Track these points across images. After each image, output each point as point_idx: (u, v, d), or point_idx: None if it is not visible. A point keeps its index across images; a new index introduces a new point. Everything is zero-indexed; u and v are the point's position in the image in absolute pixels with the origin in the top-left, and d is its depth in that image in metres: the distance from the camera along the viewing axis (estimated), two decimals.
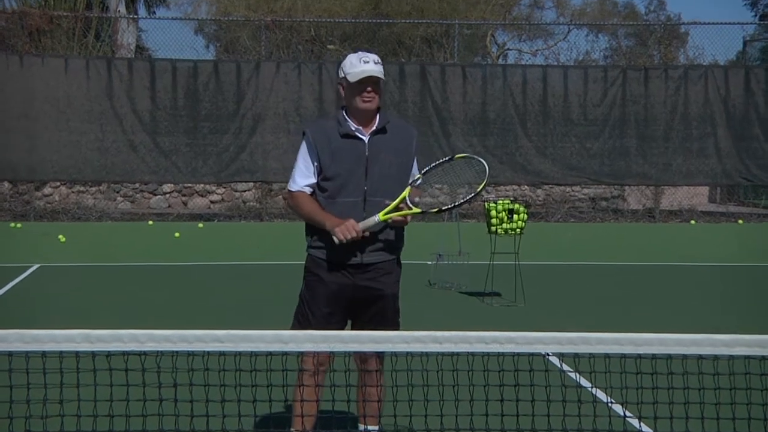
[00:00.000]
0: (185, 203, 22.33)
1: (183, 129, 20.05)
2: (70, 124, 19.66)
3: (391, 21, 25.48)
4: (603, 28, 29.51)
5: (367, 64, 4.65)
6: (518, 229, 9.80)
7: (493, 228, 9.77)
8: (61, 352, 3.29)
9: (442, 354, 3.28)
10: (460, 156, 4.96)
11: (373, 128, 4.75)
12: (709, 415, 3.58)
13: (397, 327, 4.77)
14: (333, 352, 4.17)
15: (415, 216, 4.72)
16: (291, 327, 4.76)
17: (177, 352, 3.27)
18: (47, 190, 21.20)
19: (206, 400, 3.58)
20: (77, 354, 3.31)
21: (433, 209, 4.78)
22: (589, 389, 3.77)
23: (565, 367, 4.41)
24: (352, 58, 4.71)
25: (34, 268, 12.43)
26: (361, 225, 4.57)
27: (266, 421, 4.55)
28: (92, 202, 21.18)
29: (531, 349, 3.26)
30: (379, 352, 4.36)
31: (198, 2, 30.49)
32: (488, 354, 3.31)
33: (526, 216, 9.87)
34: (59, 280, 11.75)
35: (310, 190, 4.79)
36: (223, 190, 22.15)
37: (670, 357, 3.34)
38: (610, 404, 3.92)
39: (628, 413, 3.79)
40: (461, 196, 4.85)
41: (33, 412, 3.48)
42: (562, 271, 13.03)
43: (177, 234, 16.91)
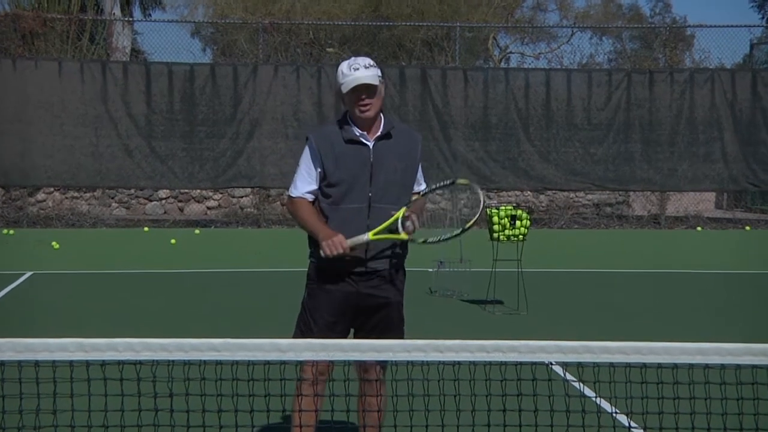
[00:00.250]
0: (181, 209, 22.34)
1: (179, 134, 20.05)
2: (64, 129, 19.66)
3: (391, 24, 25.50)
4: (607, 31, 29.53)
5: (357, 71, 4.64)
6: (521, 236, 9.80)
7: (496, 235, 9.77)
8: (54, 362, 3.28)
9: (444, 363, 3.28)
10: (461, 182, 4.95)
11: (377, 134, 4.75)
12: (716, 426, 3.57)
13: (401, 335, 4.77)
14: (333, 361, 4.17)
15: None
16: (293, 336, 4.76)
17: (173, 361, 3.27)
18: (40, 195, 21.19)
19: (203, 411, 3.57)
20: (71, 363, 3.31)
21: (419, 240, 4.76)
22: (593, 399, 3.77)
23: (568, 376, 4.40)
24: (343, 67, 4.69)
25: (27, 276, 12.43)
26: (349, 242, 4.58)
27: None
28: (86, 208, 21.17)
29: (534, 358, 3.26)
30: (380, 361, 4.36)
31: (194, 4, 30.51)
32: (490, 363, 3.31)
33: (528, 222, 9.88)
34: (53, 288, 11.74)
35: (311, 197, 4.80)
36: (220, 195, 22.15)
37: (675, 366, 3.34)
38: (614, 415, 3.92)
39: (633, 424, 3.79)
40: (449, 230, 4.84)
41: (25, 423, 3.47)
42: (565, 279, 13.03)
43: (173, 241, 16.90)
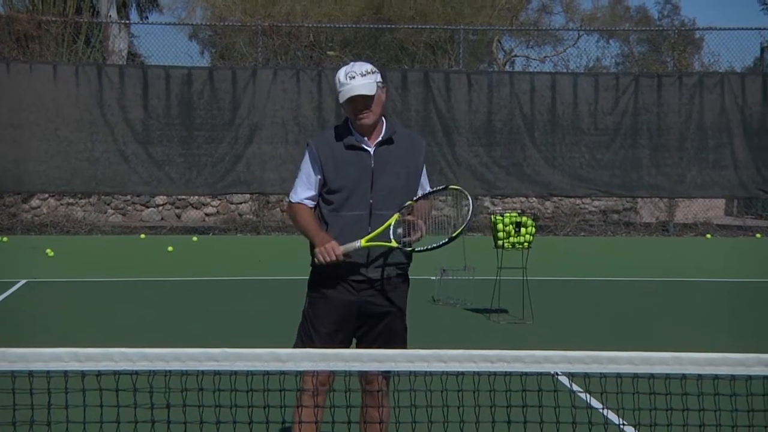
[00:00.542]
0: (179, 216, 22.35)
1: (177, 139, 20.06)
2: (58, 134, 19.68)
3: (393, 26, 25.54)
4: (614, 34, 29.58)
5: (353, 79, 4.63)
6: (526, 243, 9.80)
7: (500, 242, 9.77)
8: (48, 372, 3.28)
9: (447, 373, 3.28)
10: (453, 188, 4.94)
11: (378, 139, 4.76)
12: None
13: (404, 345, 4.77)
14: (334, 372, 4.16)
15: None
16: (294, 345, 4.76)
17: (170, 371, 3.27)
18: (35, 202, 21.22)
19: (201, 422, 3.57)
20: (66, 374, 3.31)
21: (407, 248, 4.75)
22: (601, 411, 3.76)
23: (575, 387, 4.40)
24: (340, 75, 4.68)
25: (20, 284, 12.44)
26: (342, 248, 4.59)
27: None
28: (82, 214, 21.19)
29: (539, 368, 3.25)
30: (383, 372, 4.36)
31: (192, 7, 30.59)
32: (495, 373, 3.31)
33: (534, 229, 9.88)
34: (47, 297, 11.74)
35: (311, 203, 4.81)
36: (219, 202, 22.17)
37: (684, 377, 3.34)
38: (622, 426, 3.91)
39: None
40: (438, 239, 4.81)
41: None
42: (571, 287, 13.03)
43: (170, 248, 16.91)
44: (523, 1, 31.24)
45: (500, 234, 9.74)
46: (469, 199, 4.81)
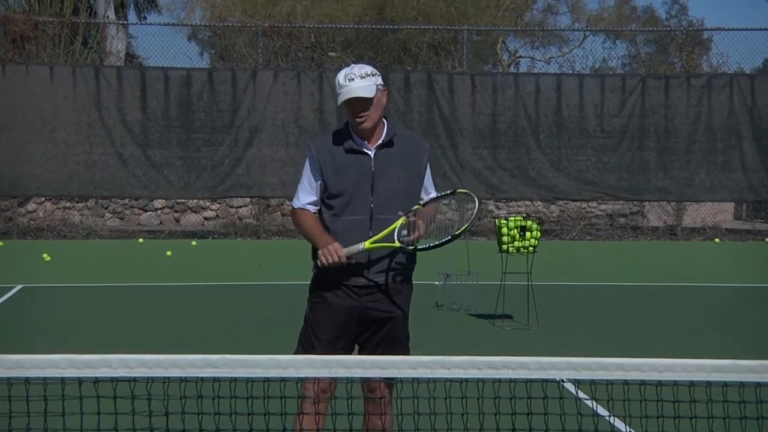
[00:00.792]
0: (177, 220, 22.35)
1: (175, 141, 20.06)
2: (55, 136, 19.68)
3: (396, 27, 25.54)
4: (621, 35, 29.57)
5: (352, 81, 4.64)
6: (531, 248, 9.80)
7: (505, 246, 9.77)
8: (45, 379, 3.29)
9: (451, 380, 3.28)
10: (461, 191, 4.95)
11: (379, 142, 4.76)
12: None
13: (407, 351, 4.77)
14: (335, 379, 4.16)
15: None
16: (295, 352, 4.76)
17: (169, 378, 3.27)
18: (31, 206, 21.22)
19: (200, 430, 3.57)
20: (63, 380, 3.31)
21: (410, 247, 4.76)
22: (607, 418, 3.77)
23: (581, 394, 4.39)
24: (339, 77, 4.70)
25: (16, 289, 12.44)
26: (345, 251, 4.60)
27: None
28: (79, 218, 21.19)
29: (545, 375, 3.25)
30: (386, 379, 4.36)
31: (191, 7, 30.60)
32: (499, 380, 3.31)
33: (539, 233, 9.88)
34: (43, 302, 11.75)
35: (313, 209, 4.82)
36: (218, 206, 22.16)
37: (692, 384, 3.34)
38: None
39: None
40: (439, 237, 4.83)
41: None
42: (577, 292, 13.02)
43: (169, 252, 16.91)
44: (528, 1, 31.23)
45: (505, 238, 9.74)
46: (476, 203, 4.82)
